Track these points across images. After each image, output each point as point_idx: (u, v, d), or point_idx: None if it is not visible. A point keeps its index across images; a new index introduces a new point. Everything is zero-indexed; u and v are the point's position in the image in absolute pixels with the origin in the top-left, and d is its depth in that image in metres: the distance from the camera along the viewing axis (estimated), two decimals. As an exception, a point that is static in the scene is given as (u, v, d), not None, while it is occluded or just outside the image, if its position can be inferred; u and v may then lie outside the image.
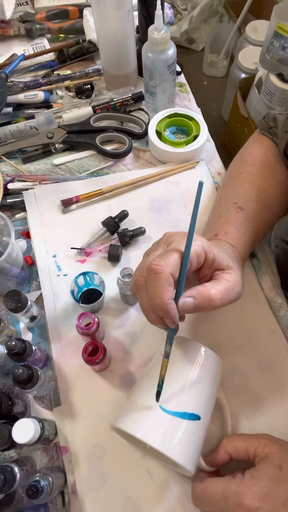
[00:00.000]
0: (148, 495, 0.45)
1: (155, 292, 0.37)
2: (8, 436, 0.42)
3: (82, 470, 0.46)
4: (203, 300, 0.38)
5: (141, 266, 0.40)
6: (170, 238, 0.41)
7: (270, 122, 0.59)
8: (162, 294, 0.36)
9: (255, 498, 0.35)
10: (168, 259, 0.37)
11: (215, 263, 0.41)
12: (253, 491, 0.36)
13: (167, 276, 0.37)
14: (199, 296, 0.38)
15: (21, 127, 0.71)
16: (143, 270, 0.39)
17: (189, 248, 0.38)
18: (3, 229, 0.54)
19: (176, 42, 1.64)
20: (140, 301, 0.40)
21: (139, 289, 0.39)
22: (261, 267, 0.60)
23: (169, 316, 0.37)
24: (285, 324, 0.55)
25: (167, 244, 0.41)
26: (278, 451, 0.38)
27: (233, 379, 0.50)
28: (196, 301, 0.38)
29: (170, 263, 0.37)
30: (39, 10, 0.91)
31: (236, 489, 0.37)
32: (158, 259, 0.38)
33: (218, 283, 0.40)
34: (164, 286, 0.36)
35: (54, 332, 0.54)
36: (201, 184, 0.37)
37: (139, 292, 0.40)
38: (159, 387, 0.39)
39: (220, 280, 0.40)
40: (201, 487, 0.39)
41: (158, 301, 0.36)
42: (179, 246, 0.39)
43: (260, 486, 0.36)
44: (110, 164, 0.70)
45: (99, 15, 0.66)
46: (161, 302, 0.36)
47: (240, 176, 0.57)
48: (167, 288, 0.37)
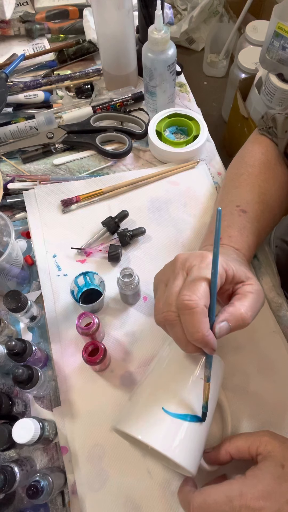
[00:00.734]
0: (148, 495, 0.45)
1: (194, 327, 0.36)
2: (8, 436, 0.42)
3: (82, 470, 0.46)
4: (236, 321, 0.38)
5: (165, 299, 0.39)
6: (187, 263, 0.40)
7: (269, 122, 0.59)
8: (201, 328, 0.36)
9: (260, 497, 0.35)
10: (198, 291, 0.37)
11: (235, 278, 0.41)
12: (257, 490, 0.36)
13: (202, 309, 0.36)
14: (232, 318, 0.38)
15: (21, 127, 0.71)
16: (171, 304, 0.38)
17: (216, 275, 0.37)
18: (3, 229, 0.54)
19: (176, 42, 1.64)
20: (174, 335, 0.39)
21: (171, 324, 0.39)
22: (261, 267, 0.60)
23: (210, 346, 0.37)
24: (285, 324, 0.55)
25: (186, 271, 0.40)
26: (280, 448, 0.38)
27: (233, 379, 0.50)
28: (230, 324, 0.38)
29: (201, 295, 0.37)
30: (39, 10, 0.91)
31: (240, 490, 0.36)
32: (189, 293, 0.37)
33: (244, 298, 0.40)
34: (201, 320, 0.36)
35: (54, 332, 0.54)
36: (220, 211, 0.36)
37: (171, 327, 0.39)
38: (204, 409, 0.40)
39: (245, 295, 0.40)
40: (201, 496, 0.37)
41: (199, 335, 0.36)
42: (202, 272, 0.38)
43: (264, 484, 0.36)
44: (110, 164, 0.70)
45: (99, 15, 0.66)
46: (202, 336, 0.36)
47: (241, 178, 0.57)
48: (205, 321, 0.37)
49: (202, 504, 0.37)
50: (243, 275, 0.42)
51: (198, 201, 0.65)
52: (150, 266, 0.59)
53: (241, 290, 0.41)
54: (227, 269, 0.40)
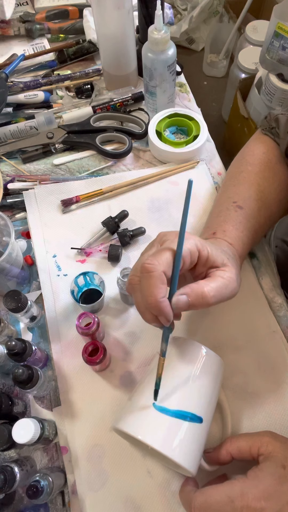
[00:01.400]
0: (148, 495, 0.45)
1: (148, 290, 0.37)
2: (8, 436, 0.42)
3: (82, 470, 0.46)
4: (196, 297, 0.38)
5: (136, 266, 0.41)
6: (164, 238, 0.41)
7: (272, 122, 0.59)
8: (155, 292, 0.37)
9: (261, 498, 0.35)
10: (160, 257, 0.38)
11: (209, 261, 0.41)
12: (258, 490, 0.36)
13: (159, 274, 0.37)
14: (192, 294, 0.38)
15: (21, 127, 0.71)
16: (137, 269, 0.40)
17: (181, 246, 0.38)
18: (3, 229, 0.54)
19: (176, 42, 1.64)
20: (135, 300, 0.40)
21: (133, 288, 0.40)
22: (261, 267, 0.60)
23: (163, 314, 0.37)
24: (285, 324, 0.55)
25: (161, 244, 0.41)
26: (281, 449, 0.38)
27: (233, 379, 0.50)
28: (189, 299, 0.38)
29: (162, 262, 0.37)
30: (39, 10, 0.91)
31: (242, 490, 0.36)
32: (151, 258, 0.38)
33: (212, 280, 0.40)
34: (157, 284, 0.37)
35: (54, 332, 0.54)
36: (191, 182, 0.37)
37: (133, 292, 0.40)
38: (156, 386, 0.39)
39: (214, 278, 0.41)
40: (202, 497, 0.37)
41: (151, 299, 0.37)
42: (171, 244, 0.39)
43: (265, 485, 0.36)
44: (110, 164, 0.70)
45: (99, 15, 0.66)
46: (154, 300, 0.37)
47: (240, 175, 0.57)
48: (160, 287, 0.37)
49: (203, 504, 0.37)
50: (219, 260, 0.42)
51: (198, 201, 0.65)
52: (150, 266, 0.59)
53: (213, 273, 0.41)
54: (200, 249, 0.41)
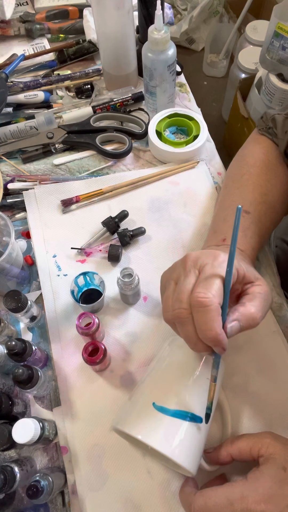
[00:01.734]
0: (148, 495, 0.45)
1: (207, 325, 0.36)
2: (8, 436, 0.42)
3: (82, 470, 0.46)
4: (247, 321, 0.38)
5: (176, 296, 0.39)
6: (200, 261, 0.40)
7: (268, 122, 0.59)
8: (215, 326, 0.36)
9: (261, 501, 0.35)
10: (213, 289, 0.36)
11: (245, 278, 0.41)
12: (258, 493, 0.36)
13: (216, 307, 0.36)
14: (243, 318, 0.38)
15: (21, 127, 0.71)
16: (182, 301, 0.37)
17: (231, 274, 0.37)
18: (3, 229, 0.54)
19: (176, 42, 1.64)
20: (184, 333, 0.39)
21: (182, 322, 0.38)
22: (261, 267, 0.60)
23: (221, 345, 0.36)
24: (285, 324, 0.55)
25: (199, 269, 0.39)
26: (282, 451, 0.38)
27: (233, 379, 0.50)
28: (241, 324, 0.38)
29: (216, 293, 0.36)
30: (39, 10, 0.91)
31: (242, 493, 0.36)
32: (204, 291, 0.36)
33: (253, 299, 0.39)
34: (216, 318, 0.36)
35: (54, 332, 0.54)
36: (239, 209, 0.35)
37: (182, 325, 0.38)
38: (208, 410, 0.39)
39: (254, 295, 0.40)
40: (202, 499, 0.37)
41: (212, 333, 0.36)
42: (216, 270, 0.38)
43: (265, 488, 0.36)
44: (110, 164, 0.70)
45: (99, 15, 0.66)
46: (215, 335, 0.36)
47: (243, 178, 0.57)
48: (218, 320, 0.36)
49: (203, 506, 0.37)
50: (252, 276, 0.41)
51: (198, 201, 0.65)
52: (150, 266, 0.59)
53: (251, 290, 0.41)
54: (238, 269, 0.40)
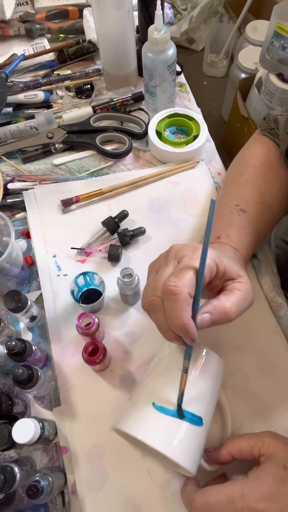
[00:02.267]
0: (148, 495, 0.45)
1: (175, 313, 0.36)
2: (8, 436, 0.42)
3: (82, 470, 0.46)
4: (219, 314, 0.38)
5: (153, 284, 0.39)
6: (180, 253, 0.40)
7: (271, 123, 0.59)
8: (182, 315, 0.36)
9: (262, 499, 0.35)
10: (183, 278, 0.37)
11: (226, 274, 0.41)
12: (259, 491, 0.36)
13: (185, 297, 0.36)
14: (215, 311, 0.38)
15: (21, 127, 0.71)
16: (157, 289, 0.38)
17: (204, 265, 0.37)
18: (3, 229, 0.54)
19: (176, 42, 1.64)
20: (156, 320, 0.39)
21: (155, 309, 0.39)
22: (261, 267, 0.60)
23: (189, 335, 0.37)
24: (285, 324, 0.55)
25: (178, 260, 0.40)
26: (283, 450, 0.38)
27: (233, 379, 0.50)
28: (213, 316, 0.38)
29: (187, 283, 0.37)
30: (39, 10, 0.91)
31: (242, 491, 0.36)
32: (175, 279, 0.37)
33: (231, 295, 0.40)
34: (183, 307, 0.36)
35: (54, 332, 0.54)
36: (213, 201, 0.36)
37: (154, 312, 0.39)
38: (179, 400, 0.39)
39: (233, 291, 0.40)
40: (203, 497, 0.37)
41: (179, 322, 0.36)
42: (192, 262, 0.38)
43: (266, 486, 0.36)
44: (110, 164, 0.70)
45: (99, 15, 0.66)
46: (182, 323, 0.36)
47: (242, 177, 0.57)
48: (186, 309, 0.36)
49: (203, 504, 0.37)
50: (234, 273, 0.42)
51: (198, 201, 0.65)
52: (150, 266, 0.59)
53: (230, 286, 0.41)
54: (218, 264, 0.40)
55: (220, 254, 0.42)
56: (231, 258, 0.45)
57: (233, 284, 0.41)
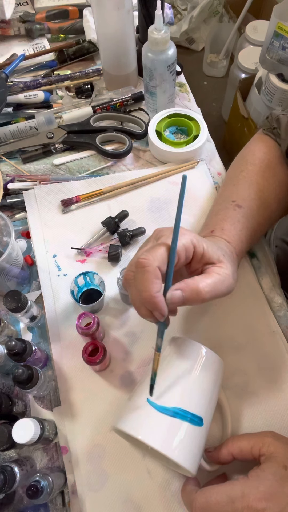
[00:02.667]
0: (148, 495, 0.45)
1: (143, 285, 0.37)
2: (8, 436, 0.42)
3: (82, 470, 0.46)
4: (191, 292, 0.38)
5: (131, 262, 0.42)
6: (160, 233, 0.42)
7: (273, 122, 0.59)
8: (149, 287, 0.37)
9: (262, 499, 0.35)
10: (154, 253, 0.38)
11: (204, 257, 0.42)
12: (259, 491, 0.36)
13: (153, 269, 0.37)
14: (187, 289, 0.39)
15: (21, 127, 0.71)
16: (132, 265, 0.40)
17: (176, 242, 0.39)
18: (3, 229, 0.54)
19: (176, 42, 1.64)
20: (130, 295, 0.41)
21: (129, 283, 0.40)
22: (261, 267, 0.60)
23: (157, 309, 0.38)
24: (285, 324, 0.55)
25: (157, 240, 0.41)
26: (283, 450, 0.38)
27: (233, 379, 0.50)
28: (184, 294, 0.38)
29: (156, 257, 0.38)
30: (39, 10, 0.91)
31: (242, 491, 0.36)
32: (146, 254, 0.38)
33: (207, 276, 0.40)
34: (151, 279, 0.37)
35: (54, 332, 0.54)
36: (185, 177, 0.38)
37: (129, 287, 0.40)
38: (152, 381, 0.40)
39: (210, 274, 0.41)
40: (203, 497, 0.37)
41: (146, 294, 0.37)
42: (167, 240, 0.39)
43: (266, 486, 0.36)
44: (110, 164, 0.70)
45: (99, 15, 0.66)
46: (149, 295, 0.37)
47: (240, 175, 0.57)
48: (154, 281, 0.37)
49: (204, 504, 0.37)
50: (214, 257, 0.42)
51: (198, 201, 0.65)
52: (150, 266, 0.59)
53: (208, 269, 0.42)
54: (196, 245, 0.41)
55: (201, 238, 0.42)
56: (217, 246, 0.45)
57: (211, 268, 0.42)
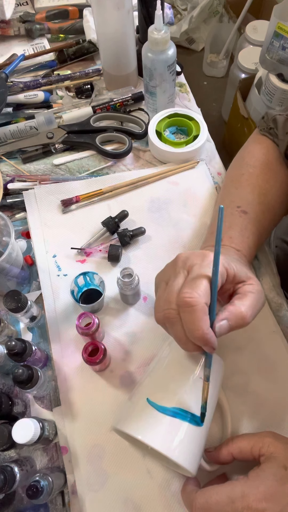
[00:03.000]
0: (148, 495, 0.45)
1: (194, 325, 0.36)
2: (8, 436, 0.42)
3: (82, 470, 0.46)
4: (236, 320, 0.38)
5: (165, 297, 0.39)
6: (189, 262, 0.40)
7: (269, 122, 0.59)
8: (201, 325, 0.36)
9: (262, 499, 0.35)
10: (199, 289, 0.37)
11: (236, 278, 0.41)
12: (259, 491, 0.36)
13: (202, 307, 0.36)
14: (232, 317, 0.38)
15: (21, 127, 0.71)
16: (171, 302, 0.38)
17: (217, 274, 0.37)
18: (3, 229, 0.54)
19: (176, 42, 1.64)
20: (174, 333, 0.39)
21: (171, 322, 0.38)
22: (261, 267, 0.60)
23: (210, 344, 0.37)
24: (285, 324, 0.55)
25: (187, 269, 0.40)
26: (283, 450, 0.38)
27: (233, 379, 0.50)
28: (230, 323, 0.38)
29: (202, 293, 0.37)
30: (39, 10, 0.91)
31: (242, 491, 0.36)
32: (190, 291, 0.37)
33: (245, 298, 0.40)
34: (202, 318, 0.36)
35: (54, 332, 0.54)
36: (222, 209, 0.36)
37: (171, 325, 0.39)
38: (202, 409, 0.39)
39: (245, 295, 0.40)
40: (203, 497, 0.38)
41: (199, 333, 0.36)
42: (203, 271, 0.38)
43: (266, 486, 0.36)
44: (110, 164, 0.70)
45: (99, 15, 0.66)
46: (202, 334, 0.36)
47: (242, 178, 0.57)
48: (205, 319, 0.36)
49: (204, 504, 0.37)
50: (244, 275, 0.41)
51: (198, 201, 0.65)
52: (150, 266, 0.59)
53: (242, 289, 0.41)
54: (228, 268, 0.40)
55: (227, 258, 0.42)
56: (238, 261, 0.45)
57: (244, 287, 0.41)
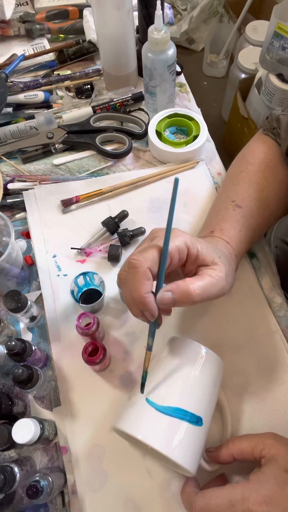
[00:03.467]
0: (148, 495, 0.45)
1: (133, 286, 0.38)
2: (8, 436, 0.42)
3: (82, 470, 0.46)
4: (181, 294, 0.39)
5: (126, 262, 0.42)
6: (155, 234, 0.42)
7: (273, 122, 0.59)
8: (139, 287, 0.37)
9: (263, 502, 0.35)
10: (146, 254, 0.39)
11: (199, 259, 0.42)
12: (260, 494, 0.35)
13: (144, 270, 0.38)
14: (178, 290, 0.39)
15: (21, 127, 0.71)
16: (125, 265, 0.41)
17: (167, 243, 0.39)
18: (3, 229, 0.54)
19: (176, 42, 1.64)
20: (123, 294, 0.41)
21: (121, 283, 0.41)
22: (261, 267, 0.60)
23: (147, 309, 0.38)
24: (285, 324, 0.55)
25: (151, 240, 0.41)
26: (284, 452, 0.38)
27: (233, 379, 0.50)
28: (174, 295, 0.39)
29: (148, 258, 0.38)
30: (39, 10, 0.91)
31: (243, 494, 0.36)
32: (137, 255, 0.39)
33: (199, 278, 0.40)
34: (141, 280, 0.38)
35: (54, 332, 0.54)
36: (177, 180, 0.39)
37: (122, 286, 0.41)
38: (142, 379, 0.40)
39: (202, 276, 0.41)
40: (203, 500, 0.37)
41: (136, 294, 0.38)
42: (159, 241, 0.40)
43: (267, 489, 0.36)
44: (110, 164, 0.70)
45: (99, 15, 0.66)
46: (139, 295, 0.37)
47: (240, 175, 0.57)
48: (145, 282, 0.38)
49: (204, 507, 0.37)
50: (209, 259, 0.42)
51: (198, 201, 0.65)
52: (150, 266, 0.59)
53: (202, 272, 0.42)
54: (190, 247, 0.41)
55: (196, 239, 0.42)
56: (213, 248, 0.45)
57: (204, 270, 0.42)
